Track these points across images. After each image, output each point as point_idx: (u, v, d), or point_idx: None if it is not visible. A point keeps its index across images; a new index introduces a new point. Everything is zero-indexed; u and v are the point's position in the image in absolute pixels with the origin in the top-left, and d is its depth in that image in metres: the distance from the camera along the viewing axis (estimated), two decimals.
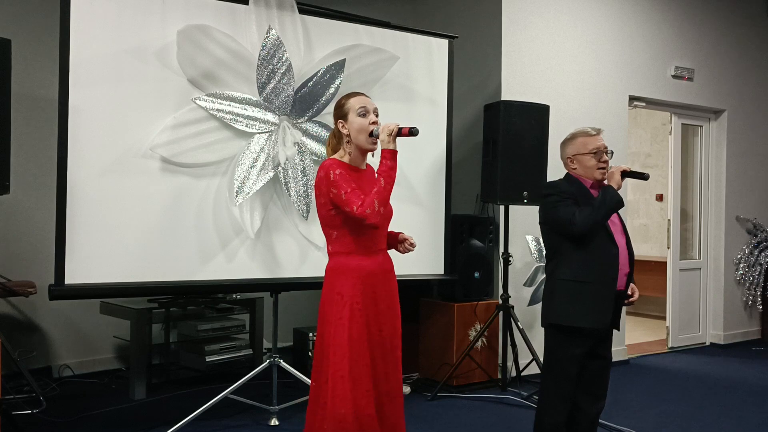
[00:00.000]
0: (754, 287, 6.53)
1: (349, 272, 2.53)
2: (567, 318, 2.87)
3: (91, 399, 4.26)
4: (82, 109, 3.30)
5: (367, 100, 2.62)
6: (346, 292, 2.51)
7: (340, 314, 2.50)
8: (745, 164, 6.64)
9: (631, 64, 5.74)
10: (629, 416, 4.12)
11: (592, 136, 2.96)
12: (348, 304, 2.50)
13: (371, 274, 2.55)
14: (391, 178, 2.50)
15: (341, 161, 2.57)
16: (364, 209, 2.43)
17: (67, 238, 3.27)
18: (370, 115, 2.57)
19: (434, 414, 4.12)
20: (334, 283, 2.55)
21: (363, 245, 2.55)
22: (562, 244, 2.92)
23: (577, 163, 2.97)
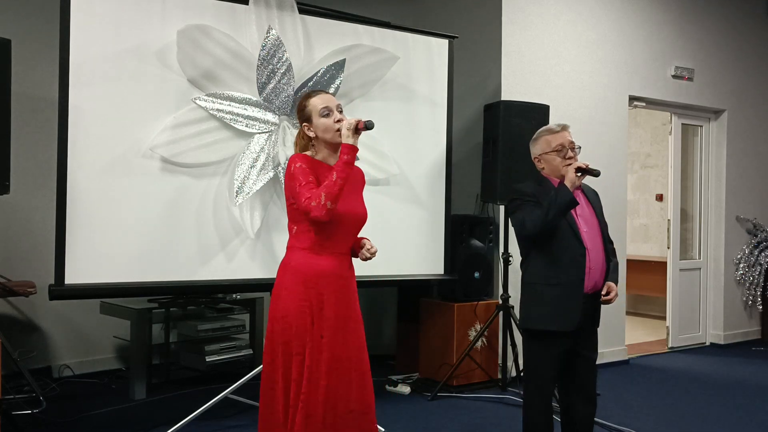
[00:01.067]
0: (754, 287, 6.53)
1: (298, 268, 2.49)
2: (534, 321, 2.85)
3: (91, 399, 4.26)
4: (82, 109, 3.30)
5: (328, 97, 2.59)
6: (291, 287, 2.48)
7: (282, 312, 2.47)
8: (745, 164, 6.64)
9: (631, 64, 5.74)
10: (629, 416, 4.12)
11: (555, 133, 2.88)
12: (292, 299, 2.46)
13: (320, 274, 2.48)
14: (344, 173, 2.42)
15: (307, 156, 2.55)
16: (309, 201, 2.39)
17: (67, 238, 3.27)
18: (334, 113, 2.53)
19: (434, 414, 4.12)
20: (283, 278, 2.52)
21: (319, 244, 2.49)
22: (530, 247, 2.89)
23: (543, 163, 2.91)
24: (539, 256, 2.86)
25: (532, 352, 2.93)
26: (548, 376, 2.87)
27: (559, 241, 2.80)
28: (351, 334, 2.53)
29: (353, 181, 2.59)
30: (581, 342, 2.89)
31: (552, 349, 2.84)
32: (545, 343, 2.84)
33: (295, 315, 2.45)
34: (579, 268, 2.79)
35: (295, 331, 2.44)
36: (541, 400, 2.89)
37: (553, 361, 2.85)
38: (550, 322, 2.81)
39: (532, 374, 2.92)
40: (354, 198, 2.59)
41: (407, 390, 4.57)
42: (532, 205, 2.81)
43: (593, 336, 2.96)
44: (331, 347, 2.46)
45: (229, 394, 3.64)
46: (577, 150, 2.88)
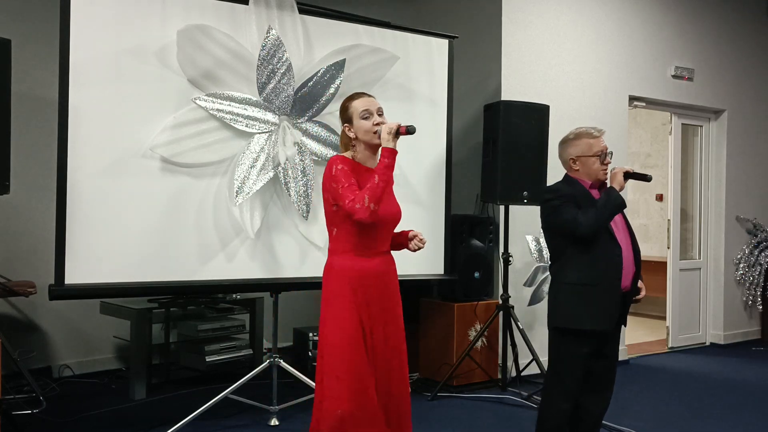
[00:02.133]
0: (754, 287, 6.53)
1: (343, 272, 2.54)
2: (574, 321, 2.87)
3: (91, 399, 4.26)
4: (82, 109, 3.30)
5: (370, 101, 2.63)
6: (340, 291, 2.52)
7: (334, 314, 2.51)
8: (745, 164, 6.64)
9: (631, 64, 5.74)
10: (629, 416, 4.12)
11: (596, 138, 2.95)
12: (342, 303, 2.50)
13: (365, 275, 2.55)
14: (386, 176, 2.48)
15: (347, 158, 2.59)
16: (353, 203, 2.43)
17: (67, 238, 3.27)
18: (374, 116, 2.59)
19: (434, 414, 4.12)
20: (329, 283, 2.57)
21: (361, 245, 2.55)
22: (566, 247, 2.91)
23: (580, 165, 2.95)
24: (577, 257, 2.88)
25: (561, 350, 2.94)
26: (578, 375, 2.90)
27: (598, 241, 2.84)
28: (395, 325, 2.63)
29: None
30: (607, 342, 2.94)
31: (585, 348, 2.88)
32: (580, 341, 2.87)
33: (347, 319, 2.50)
34: (616, 268, 2.85)
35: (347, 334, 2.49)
36: (565, 398, 2.91)
37: (582, 361, 2.89)
38: (590, 321, 2.84)
39: (560, 373, 2.94)
40: (390, 198, 2.65)
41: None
42: (572, 206, 2.85)
43: (617, 335, 3.01)
44: (384, 342, 2.56)
45: (229, 394, 3.64)
46: (610, 156, 2.96)
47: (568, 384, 2.90)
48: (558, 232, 2.94)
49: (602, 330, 2.86)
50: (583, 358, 2.88)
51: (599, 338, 2.89)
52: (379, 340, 2.56)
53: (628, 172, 2.88)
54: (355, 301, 2.52)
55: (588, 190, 2.93)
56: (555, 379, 2.96)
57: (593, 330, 2.85)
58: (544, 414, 2.97)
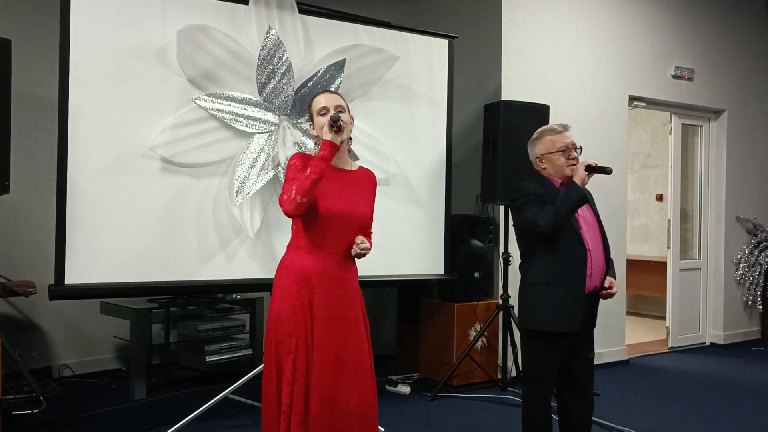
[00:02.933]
0: (754, 287, 6.53)
1: (290, 267, 2.50)
2: (537, 322, 2.84)
3: (91, 399, 4.26)
4: (82, 109, 3.31)
5: (330, 97, 2.57)
6: (284, 286, 2.48)
7: (278, 310, 2.47)
8: (745, 164, 6.64)
9: (631, 64, 5.74)
10: (629, 416, 4.12)
11: (559, 134, 2.88)
12: (284, 298, 2.46)
13: (311, 275, 2.46)
14: (318, 167, 2.39)
15: (307, 154, 2.55)
16: (281, 196, 2.41)
17: (67, 238, 3.27)
18: (330, 111, 2.51)
19: (434, 414, 4.12)
20: (277, 276, 2.53)
21: (312, 242, 2.48)
22: (533, 247, 2.88)
23: (546, 162, 2.91)
24: (541, 257, 2.85)
25: (532, 353, 2.92)
26: (548, 377, 2.87)
27: (562, 241, 2.79)
28: (349, 336, 2.48)
29: (357, 181, 2.59)
30: (579, 342, 2.89)
31: (552, 350, 2.84)
32: (546, 343, 2.84)
33: (288, 314, 2.44)
34: (581, 268, 2.80)
35: (286, 330, 2.43)
36: (540, 400, 2.89)
37: (554, 362, 2.85)
38: (553, 323, 2.80)
39: (532, 375, 2.92)
40: (356, 198, 2.56)
41: (407, 390, 4.57)
42: (538, 204, 2.80)
43: (590, 336, 2.97)
44: (324, 348, 2.43)
45: (229, 394, 3.64)
46: (578, 150, 2.89)
47: (543, 384, 2.88)
48: (522, 231, 2.92)
49: (564, 332, 2.81)
50: (554, 359, 2.84)
51: (566, 340, 2.84)
52: (320, 347, 2.42)
53: (590, 166, 2.79)
54: (298, 298, 2.44)
55: (558, 188, 2.86)
56: (529, 380, 2.93)
57: (557, 332, 2.80)
58: (525, 415, 2.95)
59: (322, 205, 2.45)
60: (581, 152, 2.91)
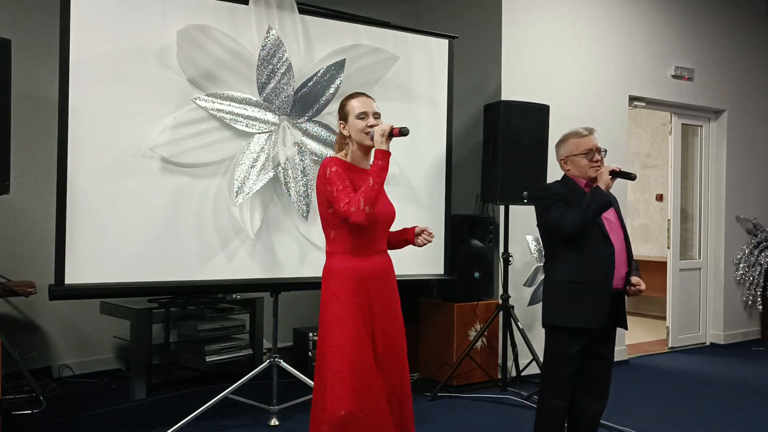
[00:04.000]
0: (754, 287, 6.53)
1: (344, 273, 2.54)
2: (562, 319, 2.89)
3: (91, 399, 4.26)
4: (82, 109, 3.31)
5: (368, 102, 2.64)
6: (340, 293, 2.52)
7: (336, 315, 2.51)
8: (745, 164, 6.64)
9: (631, 64, 5.74)
10: (629, 416, 4.12)
11: (584, 137, 2.98)
12: (344, 305, 2.51)
13: (366, 276, 2.56)
14: (380, 178, 2.49)
15: (340, 159, 2.60)
16: (349, 207, 2.44)
17: (67, 238, 3.27)
18: (369, 118, 2.59)
19: (434, 414, 4.12)
20: (329, 284, 2.57)
21: (359, 246, 2.56)
22: (558, 246, 2.95)
23: (570, 164, 3.00)
24: (568, 255, 2.91)
25: (554, 349, 2.96)
26: (569, 373, 2.91)
27: (589, 239, 2.86)
28: (396, 330, 2.65)
29: None
30: (602, 341, 2.94)
31: (575, 346, 2.88)
32: (570, 339, 2.88)
33: (347, 320, 2.50)
34: (608, 266, 2.85)
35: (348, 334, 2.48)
36: (559, 396, 2.93)
37: (575, 358, 2.89)
38: (578, 320, 2.85)
39: (553, 371, 2.95)
40: (383, 198, 2.66)
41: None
42: (563, 205, 2.88)
43: (612, 335, 3.01)
44: (383, 342, 2.57)
45: (229, 394, 3.64)
46: (603, 153, 2.97)
47: (560, 382, 2.92)
48: (547, 231, 2.99)
49: (591, 329, 2.86)
50: (575, 357, 2.89)
51: (591, 337, 2.89)
52: (381, 340, 2.57)
53: (614, 171, 2.88)
54: (356, 301, 2.52)
55: (583, 189, 2.95)
56: (548, 377, 2.98)
57: (582, 328, 2.85)
58: (540, 412, 3.00)
59: None
60: (605, 155, 3.00)
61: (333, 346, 2.49)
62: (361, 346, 2.49)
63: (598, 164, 2.94)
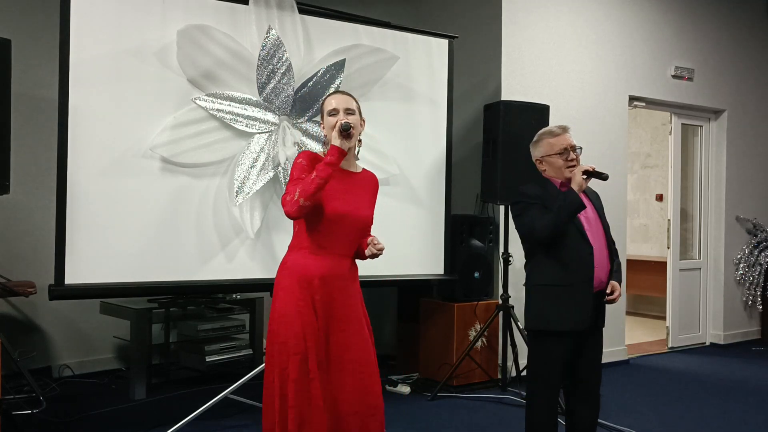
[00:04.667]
0: (754, 287, 6.53)
1: (293, 268, 2.49)
2: (544, 322, 2.85)
3: (91, 399, 4.26)
4: (82, 109, 3.31)
5: (342, 99, 2.56)
6: (288, 287, 2.47)
7: (283, 311, 2.45)
8: (745, 164, 6.64)
9: (631, 64, 5.74)
10: (629, 416, 4.12)
11: (557, 136, 2.90)
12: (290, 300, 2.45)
13: (317, 276, 2.46)
14: (324, 172, 2.38)
15: (314, 153, 2.54)
16: (284, 196, 2.40)
17: (67, 238, 3.27)
18: (340, 114, 2.51)
19: (434, 414, 4.12)
20: (279, 278, 2.52)
21: (317, 244, 2.48)
22: (536, 249, 2.89)
23: (546, 165, 2.93)
24: (546, 257, 2.86)
25: (539, 353, 2.92)
26: (554, 377, 2.87)
27: (567, 241, 2.81)
28: (351, 336, 2.49)
29: (361, 184, 2.59)
30: (586, 342, 2.90)
31: (558, 350, 2.84)
32: (553, 343, 2.84)
33: (294, 315, 2.43)
34: (587, 267, 2.81)
35: (292, 331, 2.42)
36: (546, 400, 2.89)
37: (559, 362, 2.86)
38: (562, 323, 2.81)
39: (538, 375, 2.92)
40: (358, 200, 2.56)
41: (407, 390, 4.57)
42: (538, 208, 2.82)
43: (598, 336, 2.96)
44: (328, 349, 2.45)
45: (229, 394, 3.64)
46: (578, 151, 2.90)
47: (548, 385, 2.87)
48: (521, 235, 2.94)
49: (575, 330, 2.82)
50: (560, 359, 2.85)
51: (574, 339, 2.85)
52: (332, 346, 2.46)
53: (587, 171, 2.79)
54: (303, 299, 2.44)
55: (560, 190, 2.88)
56: (535, 379, 2.93)
57: (565, 331, 2.81)
58: (530, 415, 2.94)
59: (327, 207, 2.45)
60: (581, 153, 2.91)
61: (280, 343, 2.43)
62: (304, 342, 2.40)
63: (574, 163, 2.86)
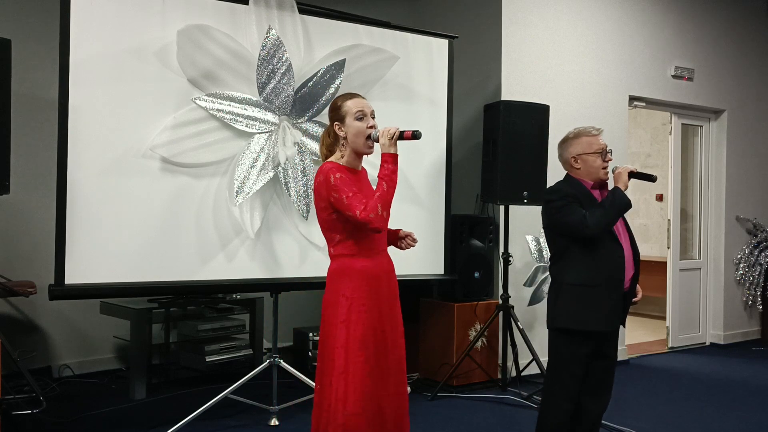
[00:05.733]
0: (754, 287, 6.53)
1: (354, 274, 2.52)
2: (577, 322, 2.85)
3: (91, 399, 4.26)
4: (82, 109, 3.31)
5: (364, 102, 2.60)
6: (350, 294, 2.50)
7: (345, 316, 2.49)
8: (745, 164, 6.64)
9: (631, 64, 5.74)
10: (629, 416, 4.12)
11: (594, 136, 2.94)
12: (353, 306, 2.49)
13: (374, 276, 2.55)
14: (393, 182, 2.49)
15: (339, 164, 2.55)
16: (367, 213, 2.42)
17: (67, 238, 3.27)
18: (368, 118, 2.55)
19: (434, 414, 4.12)
20: (338, 286, 2.54)
21: (365, 247, 2.54)
22: (569, 248, 2.89)
23: (581, 163, 2.93)
24: (580, 257, 2.86)
25: (562, 353, 2.92)
26: (577, 376, 2.89)
27: (601, 242, 2.83)
28: (397, 323, 2.63)
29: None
30: (608, 342, 2.94)
31: (583, 350, 2.87)
32: (578, 343, 2.86)
33: (360, 321, 2.48)
34: (619, 268, 2.84)
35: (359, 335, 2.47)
36: (565, 399, 2.90)
37: (582, 362, 2.88)
38: (593, 323, 2.83)
39: (560, 373, 2.92)
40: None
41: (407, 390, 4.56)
42: (577, 206, 2.83)
43: (617, 335, 3.01)
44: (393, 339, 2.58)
45: (229, 394, 3.64)
46: (610, 154, 2.95)
47: (568, 384, 2.90)
48: (563, 232, 2.90)
49: (605, 331, 2.86)
50: (584, 359, 2.88)
51: (600, 339, 2.89)
52: (388, 339, 2.57)
53: (632, 172, 2.86)
54: (369, 303, 2.51)
55: (589, 191, 2.91)
56: (556, 379, 2.95)
57: (596, 331, 2.84)
58: (545, 414, 2.97)
59: None
60: (612, 155, 2.97)
61: (340, 347, 2.46)
62: (366, 348, 2.47)
63: (608, 165, 2.92)
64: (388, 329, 2.57)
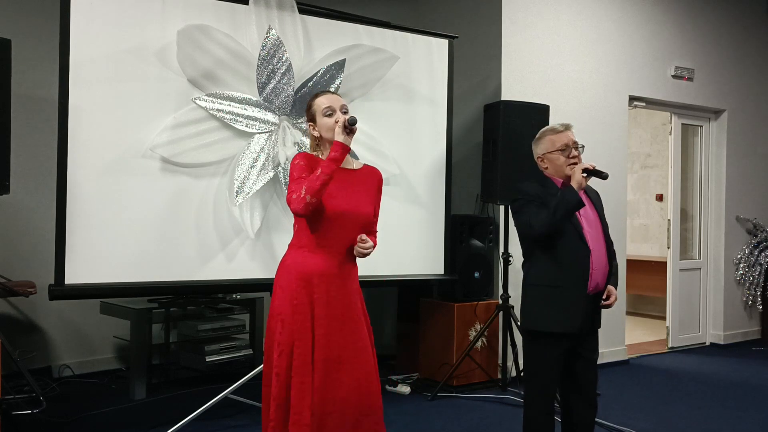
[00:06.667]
0: (754, 287, 6.53)
1: (292, 266, 2.49)
2: (538, 323, 2.84)
3: (91, 399, 4.26)
4: (82, 109, 3.31)
5: (333, 97, 2.57)
6: (286, 285, 2.47)
7: (279, 309, 2.46)
8: (745, 164, 6.64)
9: (631, 64, 5.74)
10: (629, 416, 4.12)
11: (559, 133, 2.88)
12: (287, 299, 2.45)
13: (312, 274, 2.45)
14: (329, 168, 2.37)
15: (310, 154, 2.54)
16: (290, 194, 2.40)
17: (67, 238, 3.27)
18: (337, 113, 2.51)
19: (434, 414, 4.12)
20: (278, 276, 2.52)
21: (315, 242, 2.47)
22: (533, 248, 2.88)
23: (547, 162, 2.91)
24: (543, 258, 2.84)
25: (533, 354, 2.92)
26: (550, 378, 2.87)
27: (564, 242, 2.79)
28: (349, 335, 2.48)
29: (362, 180, 2.59)
30: (582, 343, 2.89)
31: (553, 351, 2.83)
32: (547, 344, 2.83)
33: (290, 313, 2.44)
34: (583, 269, 2.79)
35: (289, 328, 2.43)
36: (542, 401, 2.88)
37: (555, 363, 2.85)
38: (553, 324, 2.80)
39: (534, 375, 2.91)
40: (359, 197, 2.56)
41: (407, 390, 4.57)
42: (537, 206, 2.80)
43: (594, 337, 2.96)
44: (325, 348, 2.42)
45: (229, 394, 3.64)
46: (580, 149, 2.88)
47: (544, 385, 2.87)
48: (519, 233, 2.93)
49: (567, 333, 2.81)
50: (556, 359, 2.84)
51: (570, 340, 2.83)
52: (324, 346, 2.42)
53: (587, 169, 2.77)
54: (298, 296, 2.44)
55: (560, 188, 2.85)
56: (532, 380, 2.92)
57: (557, 333, 2.80)
58: (528, 417, 2.93)
59: (327, 205, 2.45)
60: (583, 150, 2.90)
61: (271, 339, 2.45)
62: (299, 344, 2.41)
63: (576, 160, 2.84)
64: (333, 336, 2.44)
